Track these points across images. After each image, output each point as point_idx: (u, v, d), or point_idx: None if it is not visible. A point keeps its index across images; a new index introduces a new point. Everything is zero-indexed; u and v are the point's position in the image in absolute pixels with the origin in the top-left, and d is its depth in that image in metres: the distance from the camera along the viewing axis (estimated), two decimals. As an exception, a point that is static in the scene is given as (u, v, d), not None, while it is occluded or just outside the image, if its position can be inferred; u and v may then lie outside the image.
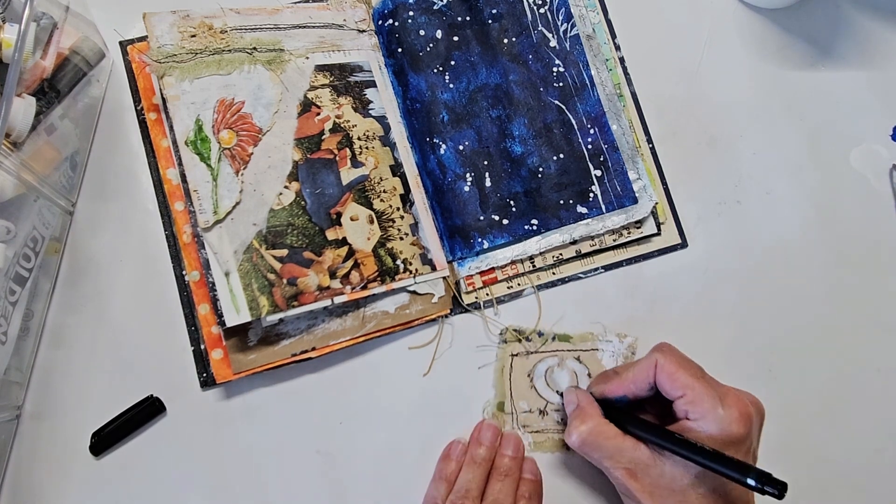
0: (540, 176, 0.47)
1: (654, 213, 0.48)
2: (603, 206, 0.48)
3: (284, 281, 0.41)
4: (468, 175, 0.47)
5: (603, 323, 0.48)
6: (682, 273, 0.49)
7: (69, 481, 0.43)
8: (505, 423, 0.46)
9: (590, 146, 0.48)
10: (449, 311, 0.47)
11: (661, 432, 0.38)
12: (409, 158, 0.48)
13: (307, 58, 0.46)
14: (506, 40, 0.49)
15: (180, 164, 0.42)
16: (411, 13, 0.48)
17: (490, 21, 0.49)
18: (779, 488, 0.33)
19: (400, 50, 0.48)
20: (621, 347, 0.48)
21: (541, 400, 0.46)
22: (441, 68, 0.48)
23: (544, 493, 0.44)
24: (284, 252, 0.42)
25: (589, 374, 0.47)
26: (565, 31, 0.49)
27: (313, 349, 0.44)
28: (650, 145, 0.51)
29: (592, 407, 0.42)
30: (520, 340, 0.47)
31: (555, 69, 0.49)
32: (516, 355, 0.47)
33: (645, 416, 0.43)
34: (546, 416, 0.46)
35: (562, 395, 0.46)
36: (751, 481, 0.34)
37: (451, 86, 0.48)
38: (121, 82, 0.48)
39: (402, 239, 0.45)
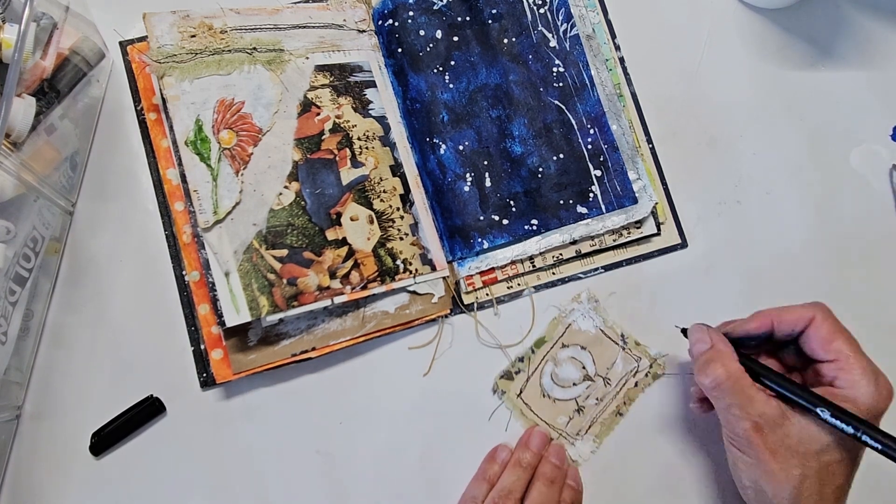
0: (540, 176, 0.47)
1: (654, 213, 0.48)
2: (603, 206, 0.48)
3: (284, 281, 0.41)
4: (468, 175, 0.47)
5: (556, 304, 0.48)
6: (682, 273, 0.49)
7: (69, 481, 0.43)
8: (565, 446, 0.46)
9: (590, 146, 0.48)
10: (449, 312, 0.47)
11: (808, 393, 0.37)
12: (409, 158, 0.48)
13: (307, 58, 0.46)
14: (506, 40, 0.49)
15: (180, 164, 0.42)
16: (411, 13, 0.48)
17: (490, 21, 0.49)
18: None
19: (400, 50, 0.48)
20: (585, 307, 0.48)
21: (569, 403, 0.47)
22: (441, 68, 0.48)
23: None
24: (284, 252, 0.42)
25: (583, 348, 0.47)
26: (565, 31, 0.49)
27: (313, 349, 0.44)
28: (650, 145, 0.51)
29: (729, 349, 0.40)
30: (512, 379, 0.47)
31: (555, 69, 0.49)
32: (521, 392, 0.47)
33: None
34: (584, 409, 0.46)
35: (682, 330, 0.44)
36: None
37: (451, 86, 0.48)
38: (121, 82, 0.48)
39: (402, 239, 0.45)
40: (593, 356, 0.47)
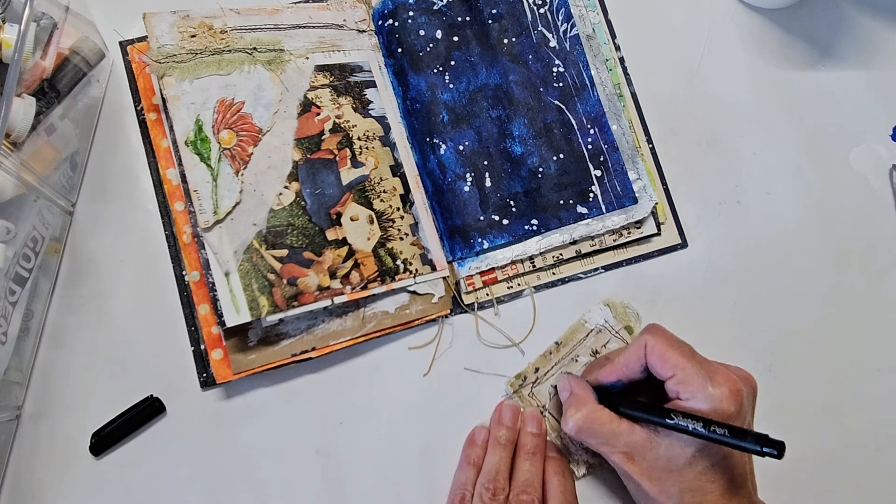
0: (540, 176, 0.47)
1: (654, 213, 0.48)
2: (603, 207, 0.48)
3: (284, 281, 0.41)
4: (468, 175, 0.47)
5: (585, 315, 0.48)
6: (682, 273, 0.49)
7: (69, 481, 0.43)
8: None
9: (590, 146, 0.48)
10: (449, 312, 0.47)
11: (654, 409, 0.38)
12: (409, 158, 0.48)
13: (307, 58, 0.46)
14: (506, 40, 0.49)
15: (180, 164, 0.42)
16: (411, 13, 0.48)
17: (490, 21, 0.49)
18: (777, 448, 0.33)
19: (400, 50, 0.48)
20: (604, 316, 0.48)
21: None
22: (441, 68, 0.48)
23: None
24: (284, 252, 0.42)
25: (594, 353, 0.47)
26: (565, 32, 0.49)
27: (313, 349, 0.44)
28: (650, 145, 0.51)
29: (586, 392, 0.42)
30: (524, 383, 0.47)
31: (555, 69, 0.49)
32: (531, 395, 0.47)
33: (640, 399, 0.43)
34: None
35: (555, 387, 0.46)
36: (749, 444, 0.34)
37: (451, 86, 0.48)
38: (121, 82, 0.48)
39: (402, 239, 0.45)
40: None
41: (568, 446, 0.45)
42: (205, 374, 0.44)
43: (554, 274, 0.49)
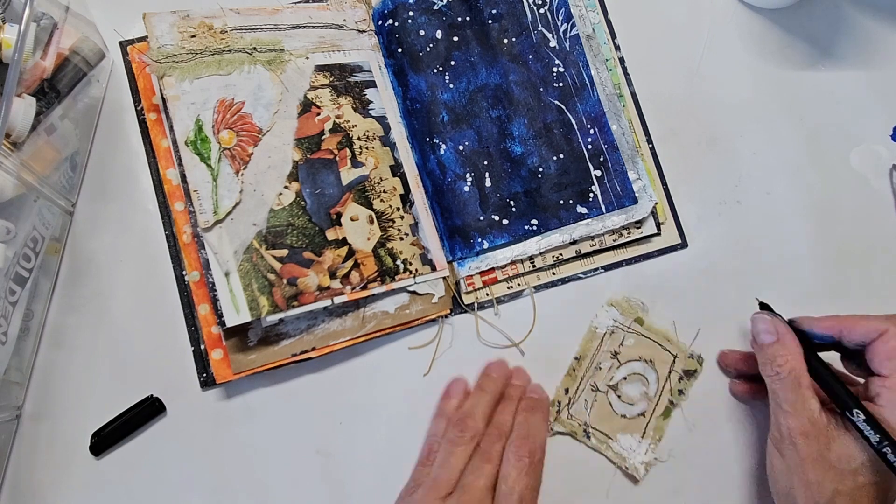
0: (540, 176, 0.47)
1: (654, 213, 0.48)
2: (603, 207, 0.48)
3: (284, 281, 0.41)
4: (468, 175, 0.47)
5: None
6: (682, 273, 0.49)
7: (69, 481, 0.43)
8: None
9: (590, 146, 0.48)
10: (449, 312, 0.47)
11: (845, 390, 0.37)
12: (409, 158, 0.48)
13: (307, 58, 0.46)
14: (506, 40, 0.49)
15: (180, 164, 0.42)
16: (411, 13, 0.48)
17: (490, 21, 0.49)
18: None
19: (400, 50, 0.48)
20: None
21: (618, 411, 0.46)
22: (441, 68, 0.48)
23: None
24: (284, 252, 0.42)
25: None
26: (565, 32, 0.49)
27: (313, 349, 0.44)
28: (650, 145, 0.51)
29: (796, 344, 0.39)
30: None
31: (555, 69, 0.49)
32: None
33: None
34: (597, 401, 0.46)
35: (761, 304, 0.44)
36: None
37: (451, 86, 0.48)
38: (121, 82, 0.48)
39: (402, 239, 0.45)
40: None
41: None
42: (205, 374, 0.44)
43: (554, 274, 0.49)
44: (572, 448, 0.46)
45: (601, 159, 0.48)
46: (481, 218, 0.47)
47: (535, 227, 0.47)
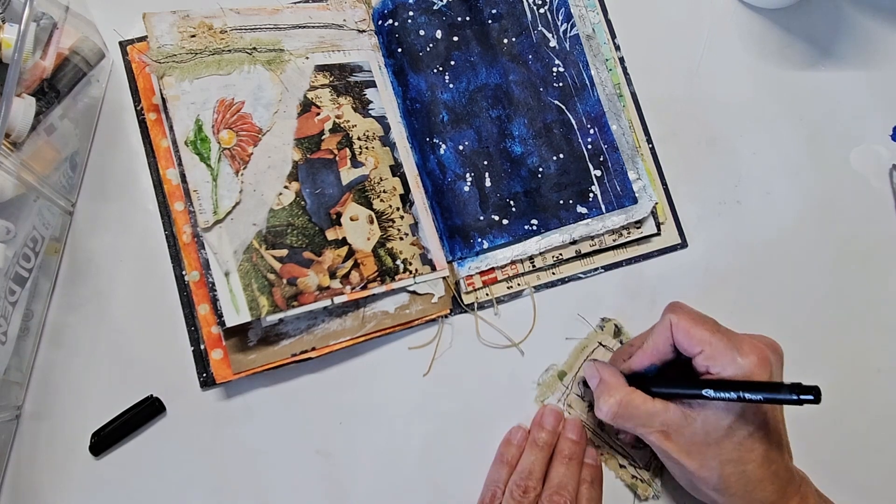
0: (540, 176, 0.47)
1: (653, 213, 0.48)
2: (603, 206, 0.48)
3: (284, 281, 0.41)
4: (468, 175, 0.47)
5: None
6: (682, 273, 0.49)
7: (69, 481, 0.43)
8: (554, 391, 0.47)
9: (590, 146, 0.48)
10: (449, 312, 0.47)
11: (687, 384, 0.38)
12: (409, 158, 0.48)
13: (307, 58, 0.46)
14: (506, 40, 0.49)
15: (180, 164, 0.42)
16: (411, 13, 0.48)
17: (490, 21, 0.49)
18: (814, 393, 0.33)
19: (400, 50, 0.48)
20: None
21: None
22: (441, 68, 0.48)
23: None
24: (284, 252, 0.42)
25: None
26: (565, 31, 0.49)
27: (313, 349, 0.44)
28: (650, 145, 0.51)
29: (616, 378, 0.41)
30: (615, 336, 0.47)
31: (555, 69, 0.49)
32: (604, 346, 0.47)
33: None
34: (592, 412, 0.46)
35: (583, 382, 0.47)
36: (785, 395, 0.34)
37: (451, 86, 0.48)
38: (121, 82, 0.48)
39: (402, 239, 0.45)
40: None
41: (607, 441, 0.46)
42: (205, 374, 0.44)
43: (554, 274, 0.49)
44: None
45: (601, 159, 0.48)
46: (481, 218, 0.47)
47: (535, 227, 0.47)
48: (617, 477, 0.46)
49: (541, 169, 0.48)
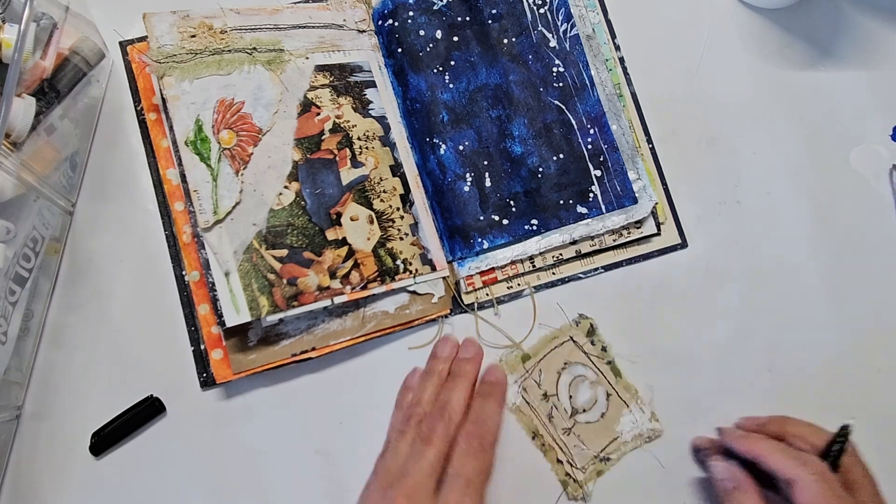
0: (540, 176, 0.47)
1: (653, 213, 0.48)
2: (603, 207, 0.48)
3: (284, 281, 0.41)
4: (468, 175, 0.47)
5: (653, 390, 0.47)
6: (682, 273, 0.49)
7: (69, 481, 0.43)
8: (513, 372, 0.46)
9: (590, 146, 0.48)
10: (449, 312, 0.47)
11: None
12: (409, 158, 0.48)
13: (307, 58, 0.46)
14: (506, 40, 0.49)
15: (180, 164, 0.42)
16: (411, 13, 0.48)
17: (490, 21, 0.49)
18: None
19: (400, 50, 0.48)
20: (643, 422, 0.47)
21: (553, 388, 0.47)
22: (441, 68, 0.48)
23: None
24: (284, 252, 0.42)
25: (602, 415, 0.47)
26: (565, 32, 0.49)
27: (313, 349, 0.44)
28: (650, 145, 0.51)
29: (753, 489, 0.41)
30: (588, 335, 0.47)
31: (555, 69, 0.49)
32: (575, 341, 0.47)
33: None
34: (545, 401, 0.46)
35: (699, 455, 0.46)
36: None
37: (451, 86, 0.48)
38: (121, 82, 0.48)
39: (402, 239, 0.45)
40: (606, 410, 0.47)
41: None
42: (205, 374, 0.44)
43: (554, 274, 0.49)
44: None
45: (601, 159, 0.48)
46: (481, 218, 0.47)
47: (535, 227, 0.47)
48: (552, 469, 0.46)
49: (541, 169, 0.48)
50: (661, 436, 0.47)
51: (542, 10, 0.49)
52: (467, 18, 0.49)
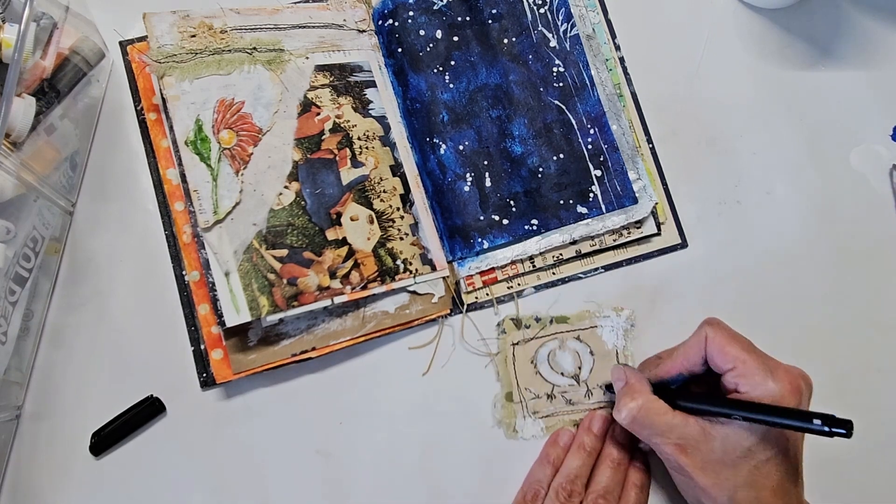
0: (540, 176, 0.47)
1: (654, 213, 0.48)
2: (603, 206, 0.48)
3: (284, 281, 0.41)
4: (468, 175, 0.47)
5: (597, 300, 0.48)
6: (682, 273, 0.49)
7: (69, 481, 0.43)
8: (516, 413, 0.46)
9: (590, 146, 0.48)
10: (449, 312, 0.47)
11: (717, 400, 0.38)
12: (409, 158, 0.48)
13: (307, 58, 0.46)
14: (506, 40, 0.49)
15: (180, 164, 0.42)
16: (411, 13, 0.48)
17: (490, 21, 0.49)
18: (846, 427, 0.33)
19: (400, 50, 0.48)
20: (620, 321, 0.48)
21: (547, 384, 0.47)
22: (441, 68, 0.48)
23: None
24: (284, 252, 0.42)
25: (591, 353, 0.47)
26: (565, 31, 0.49)
27: (313, 349, 0.44)
28: (650, 145, 0.51)
29: (641, 384, 0.41)
30: (518, 328, 0.47)
31: (555, 69, 0.49)
32: (517, 344, 0.47)
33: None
34: (554, 399, 0.46)
35: (606, 386, 0.47)
36: (817, 425, 0.34)
37: (451, 86, 0.48)
38: (121, 82, 0.48)
39: (402, 239, 0.45)
40: (594, 365, 0.47)
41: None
42: (205, 374, 0.44)
43: (554, 274, 0.49)
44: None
45: (601, 159, 0.48)
46: (481, 218, 0.47)
47: (535, 227, 0.47)
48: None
49: (541, 169, 0.48)
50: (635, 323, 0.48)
51: (542, 10, 0.49)
52: (467, 18, 0.49)
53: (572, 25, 0.49)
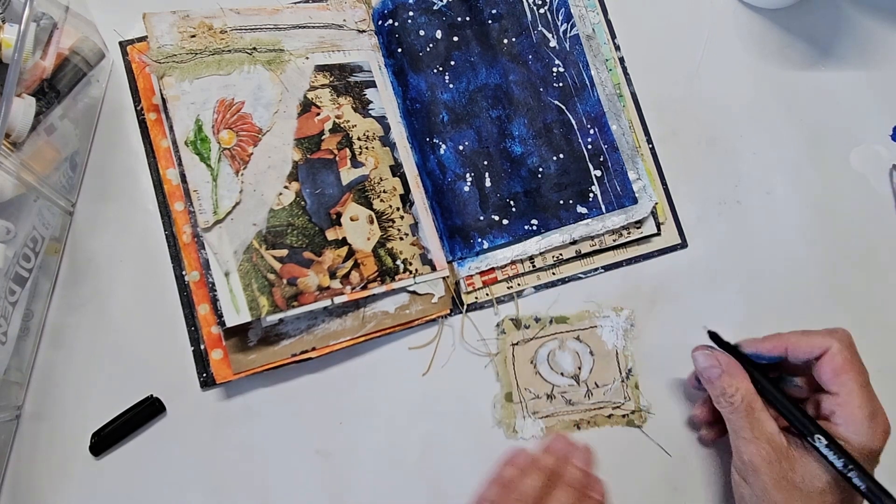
0: (540, 176, 0.47)
1: (653, 214, 0.48)
2: (603, 207, 0.48)
3: (284, 281, 0.41)
4: (468, 175, 0.47)
5: (597, 300, 0.48)
6: (682, 273, 0.49)
7: (69, 481, 0.43)
8: (515, 414, 0.46)
9: (590, 146, 0.48)
10: (449, 312, 0.47)
11: (804, 417, 0.37)
12: (409, 158, 0.48)
13: (307, 58, 0.46)
14: (506, 40, 0.49)
15: (180, 164, 0.42)
16: (411, 13, 0.48)
17: (490, 21, 0.49)
18: None
19: (400, 50, 0.48)
20: (619, 321, 0.48)
21: (547, 384, 0.47)
22: (441, 68, 0.48)
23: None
24: (284, 252, 0.42)
25: (591, 353, 0.47)
26: (565, 32, 0.49)
27: (313, 349, 0.44)
28: (650, 145, 0.51)
29: (742, 372, 0.40)
30: (518, 328, 0.47)
31: (555, 69, 0.49)
32: (516, 344, 0.47)
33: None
34: (554, 399, 0.46)
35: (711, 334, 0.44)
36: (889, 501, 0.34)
37: (451, 86, 0.48)
38: (121, 82, 0.48)
39: (402, 239, 0.45)
40: (593, 366, 0.47)
41: None
42: (205, 374, 0.44)
43: (554, 274, 0.49)
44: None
45: (601, 159, 0.48)
46: (481, 218, 0.47)
47: (535, 227, 0.47)
48: (613, 426, 0.46)
49: (541, 169, 0.48)
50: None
51: (542, 10, 0.49)
52: (467, 18, 0.49)
53: (572, 25, 0.49)
